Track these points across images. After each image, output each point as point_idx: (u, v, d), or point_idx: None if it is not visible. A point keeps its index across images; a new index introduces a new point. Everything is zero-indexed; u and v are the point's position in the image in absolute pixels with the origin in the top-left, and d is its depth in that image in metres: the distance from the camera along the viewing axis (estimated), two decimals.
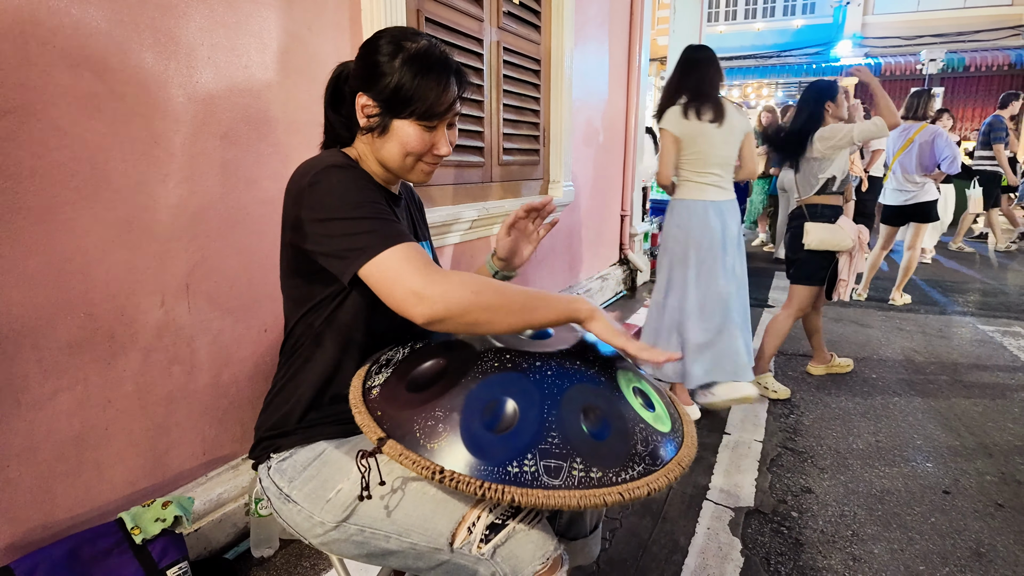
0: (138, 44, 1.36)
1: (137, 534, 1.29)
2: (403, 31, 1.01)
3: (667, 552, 1.83)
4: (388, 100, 0.98)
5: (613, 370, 0.98)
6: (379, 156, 1.05)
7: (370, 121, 1.01)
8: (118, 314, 1.37)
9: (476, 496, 0.80)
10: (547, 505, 0.80)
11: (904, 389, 3.12)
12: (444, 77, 1.00)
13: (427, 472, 0.81)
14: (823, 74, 13.21)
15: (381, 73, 0.98)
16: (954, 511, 2.04)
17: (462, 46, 2.53)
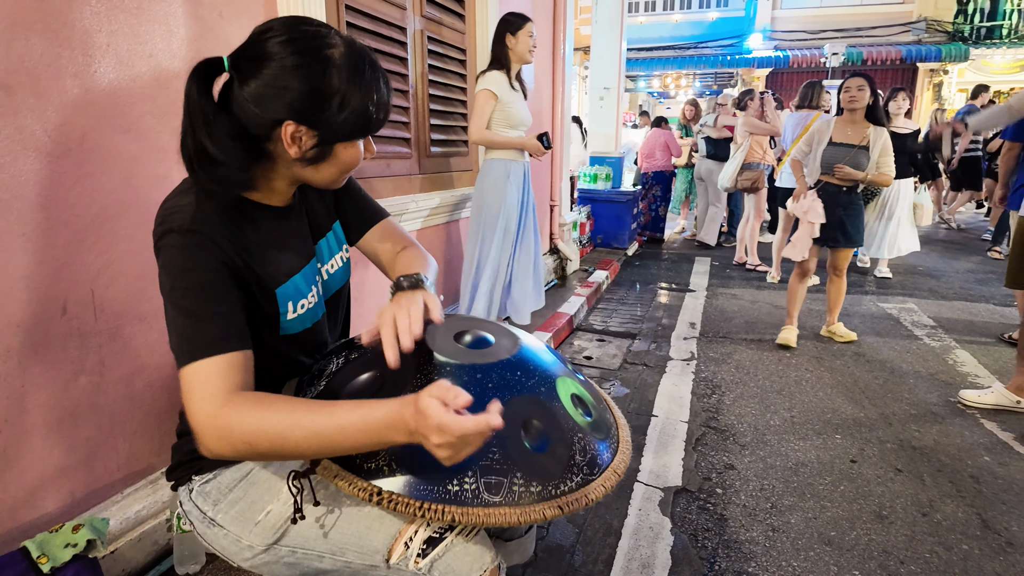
0: (24, 29, 1.24)
1: (44, 563, 1.20)
2: (309, 33, 0.85)
3: (602, 536, 1.89)
4: (334, 127, 0.86)
5: (553, 378, 0.98)
6: (303, 178, 0.94)
7: (307, 153, 0.87)
8: (12, 325, 1.26)
9: (416, 517, 0.79)
10: (487, 523, 0.80)
11: (815, 366, 3.34)
12: (382, 82, 0.90)
13: (364, 494, 0.80)
14: (737, 66, 13.82)
15: (318, 97, 0.83)
16: (860, 478, 2.21)
17: (385, 35, 2.47)
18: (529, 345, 1.05)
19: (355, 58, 0.86)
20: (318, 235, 1.09)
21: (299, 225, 1.04)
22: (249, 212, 0.93)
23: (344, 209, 1.15)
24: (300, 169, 0.92)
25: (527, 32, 2.72)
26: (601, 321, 4.21)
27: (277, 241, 0.96)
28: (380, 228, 1.18)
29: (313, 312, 1.02)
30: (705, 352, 3.59)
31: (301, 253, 1.02)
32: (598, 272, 5.24)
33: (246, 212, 0.93)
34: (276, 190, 0.96)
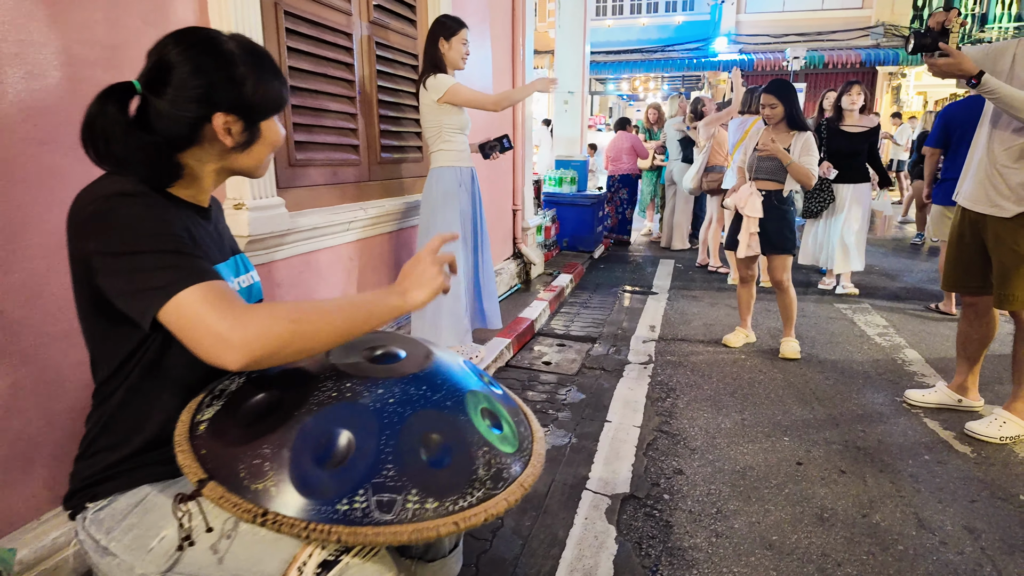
0: None
1: None
2: (203, 36, 0.93)
3: (546, 547, 1.88)
4: (252, 107, 0.95)
5: (462, 392, 0.98)
6: (236, 166, 1.01)
7: (240, 137, 0.96)
8: None
9: (301, 538, 0.77)
10: (376, 543, 0.78)
11: (768, 367, 3.38)
12: (273, 63, 0.99)
13: (248, 516, 0.78)
14: (703, 69, 14.01)
15: (234, 85, 0.92)
16: (804, 480, 2.24)
17: (328, 40, 2.44)
18: (442, 360, 1.04)
19: (249, 47, 0.97)
20: (231, 251, 1.13)
21: (217, 230, 1.09)
22: (178, 204, 0.98)
23: None
24: (233, 157, 0.99)
25: (461, 39, 2.70)
26: (563, 325, 4.22)
27: (199, 233, 0.98)
28: None
29: None
30: (663, 355, 3.62)
31: (217, 251, 1.06)
32: (562, 276, 5.25)
33: (176, 203, 0.97)
34: (203, 188, 1.02)
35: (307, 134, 2.37)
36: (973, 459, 2.38)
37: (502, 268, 4.63)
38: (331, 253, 2.56)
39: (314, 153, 2.43)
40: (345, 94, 2.57)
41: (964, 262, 2.56)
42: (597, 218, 6.66)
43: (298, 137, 2.31)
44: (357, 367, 0.96)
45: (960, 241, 2.56)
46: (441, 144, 2.80)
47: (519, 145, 4.80)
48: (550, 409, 2.84)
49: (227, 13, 1.85)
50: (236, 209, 1.97)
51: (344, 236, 2.60)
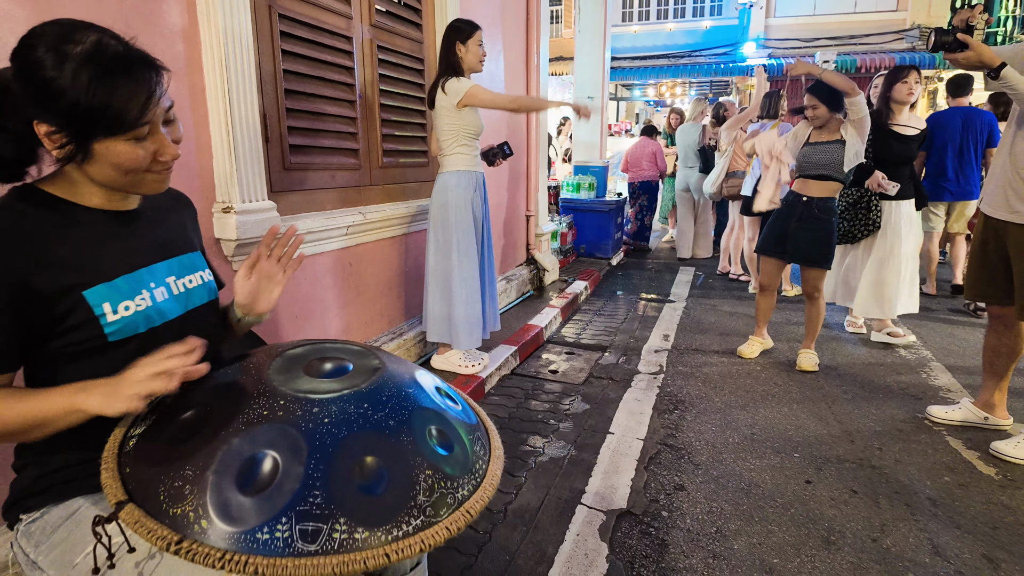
0: None
1: None
2: (61, 29, 0.83)
3: (533, 564, 1.81)
4: (74, 123, 0.83)
5: (407, 410, 0.92)
6: (94, 179, 0.91)
7: (64, 151, 0.85)
8: None
9: (217, 568, 0.72)
10: (297, 575, 0.73)
11: (784, 379, 3.25)
12: (129, 76, 0.84)
13: (162, 543, 0.73)
14: (731, 74, 13.77)
15: (53, 92, 0.81)
16: (812, 500, 2.13)
17: (327, 44, 2.42)
18: (391, 374, 0.98)
19: (100, 50, 0.83)
20: (174, 250, 1.07)
21: (142, 232, 1.02)
22: (75, 216, 0.92)
23: None
24: (85, 171, 0.90)
25: (477, 41, 2.66)
26: (574, 333, 4.14)
27: (103, 243, 0.94)
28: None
29: (147, 315, 0.96)
30: (674, 365, 3.51)
31: (138, 256, 0.99)
32: (577, 283, 5.17)
33: (71, 216, 0.92)
34: (100, 195, 0.95)
35: (303, 137, 2.35)
36: (998, 482, 2.23)
37: (514, 274, 4.57)
38: (329, 258, 2.54)
39: (310, 157, 2.41)
40: (344, 98, 2.55)
41: (988, 271, 2.41)
42: (615, 224, 6.56)
43: (293, 141, 2.29)
44: (296, 382, 0.91)
45: (983, 249, 2.41)
46: (457, 148, 2.74)
47: (532, 150, 4.75)
48: (552, 419, 2.77)
49: (216, 16, 1.84)
50: (224, 212, 1.96)
51: (343, 241, 2.57)
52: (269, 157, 2.19)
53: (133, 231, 1.00)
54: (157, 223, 1.06)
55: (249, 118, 1.99)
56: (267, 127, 2.16)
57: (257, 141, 2.03)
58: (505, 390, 3.10)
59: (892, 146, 3.46)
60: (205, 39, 1.86)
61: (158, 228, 1.05)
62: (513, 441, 2.55)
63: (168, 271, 1.03)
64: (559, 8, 15.18)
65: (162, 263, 1.02)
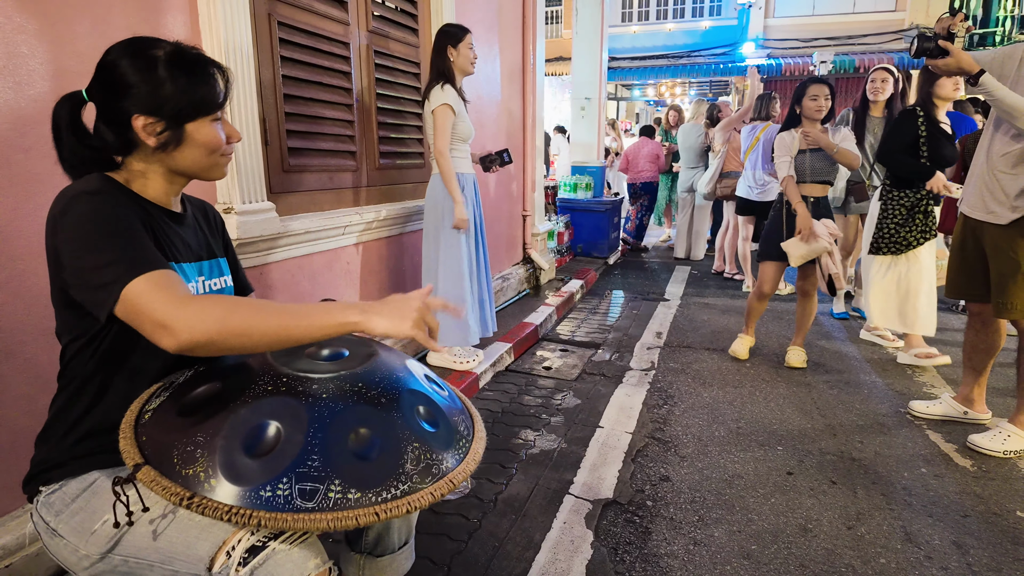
0: None
1: None
2: (138, 43, 1.00)
3: (520, 549, 1.88)
4: (173, 110, 0.98)
5: (398, 390, 1.00)
6: (177, 166, 1.04)
7: (160, 138, 1.00)
8: None
9: (224, 521, 0.80)
10: (294, 528, 0.81)
11: (771, 376, 3.33)
12: (208, 68, 1.02)
13: (176, 498, 0.81)
14: (729, 74, 13.83)
15: (149, 89, 0.97)
16: (793, 491, 2.20)
17: (324, 50, 2.50)
18: (384, 360, 1.07)
19: (180, 53, 1.01)
20: (207, 254, 1.19)
21: (190, 234, 1.15)
22: (146, 206, 1.04)
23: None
24: (170, 159, 1.03)
25: (467, 44, 2.74)
26: (568, 331, 4.21)
27: (167, 235, 1.06)
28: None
29: None
30: (666, 362, 3.58)
31: (187, 252, 1.12)
32: (573, 282, 5.25)
33: (143, 206, 1.03)
34: (162, 190, 1.07)
35: (301, 140, 2.43)
36: (972, 473, 2.30)
37: (510, 273, 4.65)
38: (327, 257, 2.62)
39: (308, 159, 2.49)
40: (342, 101, 2.63)
41: (967, 269, 2.48)
42: (612, 224, 6.63)
43: (292, 144, 2.37)
44: (298, 363, 1.00)
45: (962, 248, 2.49)
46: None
47: (528, 151, 4.82)
48: (543, 414, 2.84)
49: (217, 25, 1.92)
50: (225, 213, 2.03)
51: (340, 240, 2.65)
52: (268, 160, 2.27)
53: (185, 232, 1.12)
54: (195, 228, 1.18)
55: (249, 123, 2.07)
56: (266, 131, 2.24)
57: (256, 144, 2.11)
58: (499, 386, 3.18)
59: (944, 146, 3.13)
60: (207, 48, 1.94)
61: (196, 233, 1.17)
62: (505, 434, 2.63)
63: (200, 271, 1.14)
64: (558, 8, 15.24)
65: (198, 262, 1.14)
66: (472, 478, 2.26)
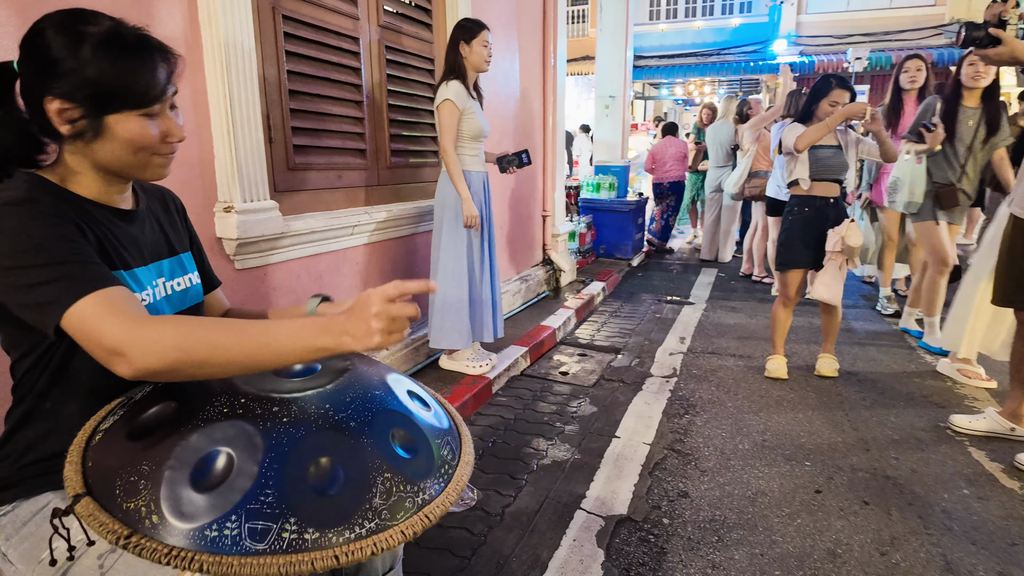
0: None
1: None
2: (72, 15, 0.87)
3: (526, 568, 1.78)
4: (90, 97, 0.85)
5: (370, 412, 0.90)
6: (99, 162, 0.91)
7: (75, 127, 0.87)
8: None
9: (163, 564, 0.72)
10: (242, 573, 0.72)
11: (800, 386, 3.16)
12: (147, 54, 0.88)
13: (112, 537, 0.73)
14: (760, 72, 13.52)
15: (69, 68, 0.84)
16: (821, 511, 2.05)
17: (332, 44, 2.44)
18: (359, 375, 0.97)
19: (117, 33, 0.87)
20: (165, 252, 1.09)
21: (142, 234, 1.03)
22: (87, 208, 0.93)
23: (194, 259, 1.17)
24: (89, 152, 0.90)
25: (482, 41, 2.64)
26: (588, 335, 4.09)
27: (114, 237, 0.95)
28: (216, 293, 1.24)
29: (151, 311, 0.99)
30: (689, 368, 3.44)
31: (139, 255, 1.01)
32: (594, 284, 5.12)
33: (83, 207, 0.92)
34: (100, 186, 0.95)
35: (308, 138, 2.37)
36: (1021, 496, 2.12)
37: (529, 274, 4.55)
38: (335, 257, 2.55)
39: (315, 157, 2.42)
40: (351, 98, 2.56)
41: (1016, 275, 2.30)
42: (636, 225, 6.48)
43: (297, 141, 2.31)
44: (260, 381, 0.90)
45: (1011, 252, 2.30)
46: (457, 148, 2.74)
47: (548, 151, 4.72)
48: (558, 422, 2.73)
49: (217, 18, 1.86)
50: (225, 212, 1.98)
51: (349, 240, 2.58)
52: (273, 157, 2.21)
53: (133, 230, 1.01)
54: (151, 224, 1.07)
55: (251, 119, 2.01)
56: (270, 128, 2.18)
57: (259, 142, 2.05)
58: (513, 391, 3.08)
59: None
60: (206, 42, 1.89)
61: (153, 229, 1.07)
62: (517, 443, 2.53)
63: (159, 272, 1.05)
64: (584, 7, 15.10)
65: (156, 264, 1.04)
66: (479, 489, 2.16)
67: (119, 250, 0.96)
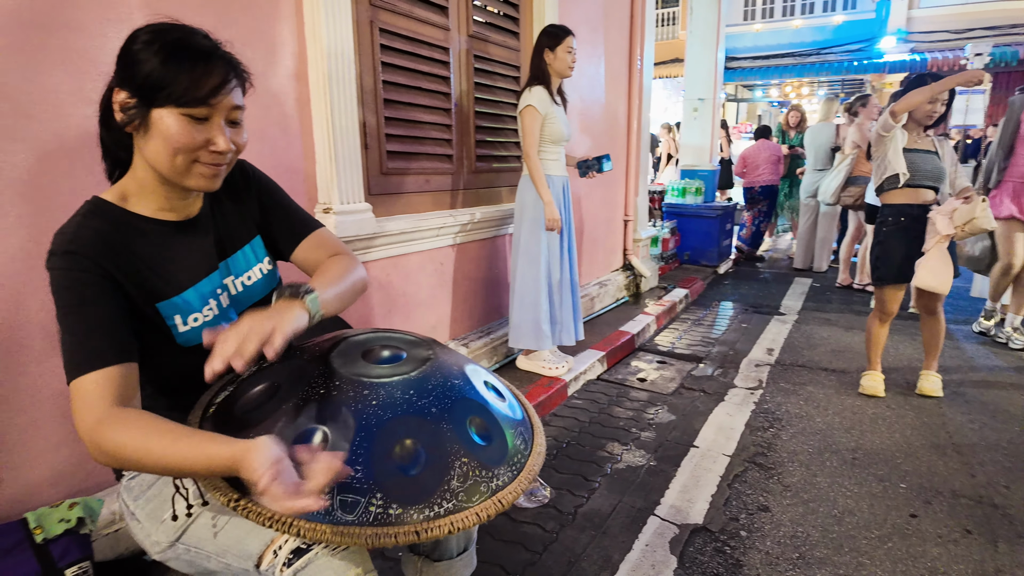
0: (46, 65, 1.43)
1: (39, 533, 1.34)
2: (162, 25, 0.93)
3: (597, 568, 1.79)
4: (140, 87, 0.89)
5: (450, 400, 0.96)
6: (150, 162, 0.95)
7: (128, 115, 0.91)
8: (33, 324, 1.44)
9: (265, 527, 0.80)
10: (333, 541, 0.79)
11: (899, 403, 2.96)
12: (201, 60, 0.91)
13: (224, 499, 0.82)
14: (865, 72, 12.72)
15: (133, 62, 0.90)
16: (916, 536, 1.93)
17: (424, 55, 2.55)
18: (441, 365, 1.03)
19: (183, 39, 0.91)
20: (230, 249, 1.12)
21: (202, 240, 1.07)
22: (140, 228, 0.99)
23: (271, 225, 1.18)
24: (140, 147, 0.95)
25: (566, 47, 2.68)
26: (669, 342, 4.02)
27: (169, 255, 1.01)
28: (312, 239, 1.20)
29: (215, 324, 1.04)
30: (776, 381, 3.31)
31: (198, 267, 1.05)
32: (677, 290, 5.02)
33: (137, 228, 0.98)
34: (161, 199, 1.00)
35: (399, 144, 2.49)
36: None
37: (608, 279, 4.53)
38: (421, 257, 2.67)
39: (406, 162, 2.55)
40: (440, 106, 2.68)
41: None
42: (723, 231, 6.28)
43: (390, 147, 2.44)
44: (353, 366, 0.98)
45: None
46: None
47: (632, 155, 4.68)
48: (634, 428, 2.72)
49: (320, 32, 2.01)
50: (324, 213, 2.12)
51: (434, 241, 2.69)
52: (368, 163, 2.35)
53: (194, 240, 1.05)
54: (216, 224, 1.10)
55: (349, 127, 2.15)
56: (366, 135, 2.32)
57: (356, 148, 2.19)
58: (589, 395, 3.08)
59: None
60: (311, 55, 2.04)
61: (218, 229, 1.10)
62: (591, 446, 2.54)
63: (224, 274, 1.09)
64: (675, 10, 14.81)
65: (221, 266, 1.09)
66: (552, 488, 2.19)
67: (172, 272, 1.01)
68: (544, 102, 2.69)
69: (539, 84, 2.69)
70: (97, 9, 1.52)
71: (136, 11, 1.59)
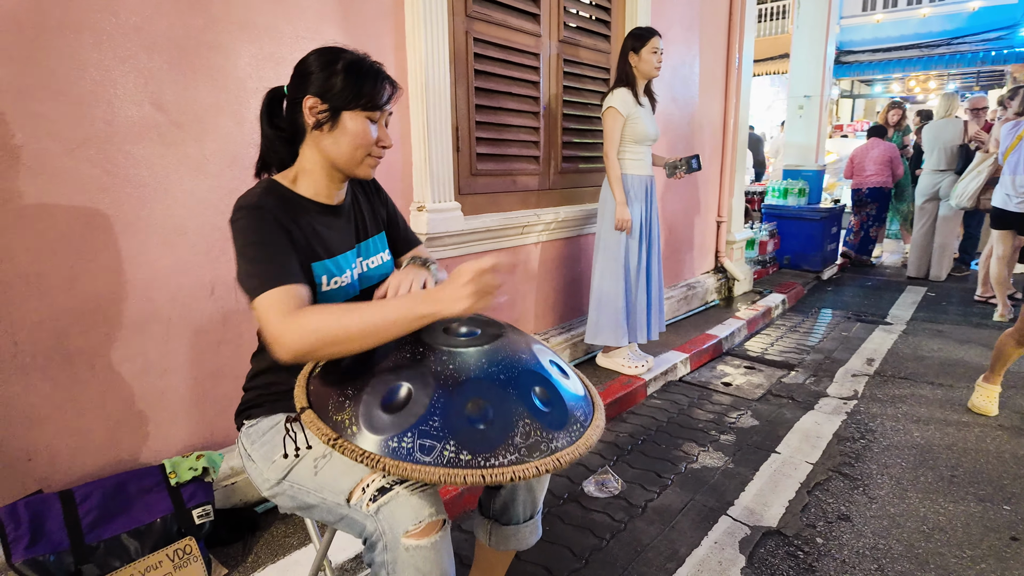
0: (193, 80, 1.68)
1: (173, 478, 1.60)
2: (329, 48, 1.17)
3: (663, 559, 1.83)
4: (335, 95, 1.12)
5: (517, 370, 1.08)
6: (329, 155, 1.17)
7: (319, 117, 1.14)
8: (173, 301, 1.70)
9: (357, 462, 0.95)
10: (412, 476, 0.93)
11: (1014, 424, 2.74)
12: (378, 76, 1.16)
13: (324, 438, 0.98)
14: (1005, 62, 11.54)
15: (323, 77, 1.13)
16: (1015, 560, 1.81)
17: (515, 61, 2.68)
18: (510, 341, 1.15)
19: (359, 61, 1.16)
20: (364, 235, 1.34)
21: (347, 224, 1.29)
22: (304, 205, 1.20)
23: (391, 229, 1.44)
24: (324, 145, 1.16)
25: (652, 48, 2.70)
26: (759, 348, 3.92)
27: (323, 229, 1.22)
28: (415, 251, 1.47)
29: (346, 291, 1.25)
30: (873, 392, 3.15)
31: (343, 242, 1.26)
32: (773, 295, 4.86)
33: (301, 204, 1.20)
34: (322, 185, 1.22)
35: (488, 147, 2.64)
36: None
37: (697, 282, 4.46)
38: (507, 254, 2.80)
39: (494, 164, 2.69)
40: (529, 110, 2.79)
41: None
42: (828, 235, 5.97)
43: (479, 150, 2.59)
44: (435, 336, 1.12)
45: None
46: (622, 152, 2.84)
47: (727, 155, 4.58)
48: (713, 430, 2.70)
49: (418, 42, 2.18)
50: (418, 211, 2.30)
51: (519, 239, 2.82)
52: (458, 164, 2.51)
53: (339, 221, 1.27)
54: (356, 213, 1.33)
55: (442, 131, 2.31)
56: (457, 138, 2.48)
57: (448, 150, 2.35)
58: (669, 395, 3.09)
59: None
60: (410, 63, 2.22)
61: (356, 218, 1.32)
62: (667, 444, 2.56)
63: (359, 253, 1.31)
64: (784, 3, 14.11)
65: (356, 248, 1.30)
66: (624, 481, 2.25)
67: (325, 241, 1.21)
68: (627, 103, 2.73)
69: (623, 86, 2.74)
70: (234, 31, 1.76)
71: (263, 33, 1.82)
